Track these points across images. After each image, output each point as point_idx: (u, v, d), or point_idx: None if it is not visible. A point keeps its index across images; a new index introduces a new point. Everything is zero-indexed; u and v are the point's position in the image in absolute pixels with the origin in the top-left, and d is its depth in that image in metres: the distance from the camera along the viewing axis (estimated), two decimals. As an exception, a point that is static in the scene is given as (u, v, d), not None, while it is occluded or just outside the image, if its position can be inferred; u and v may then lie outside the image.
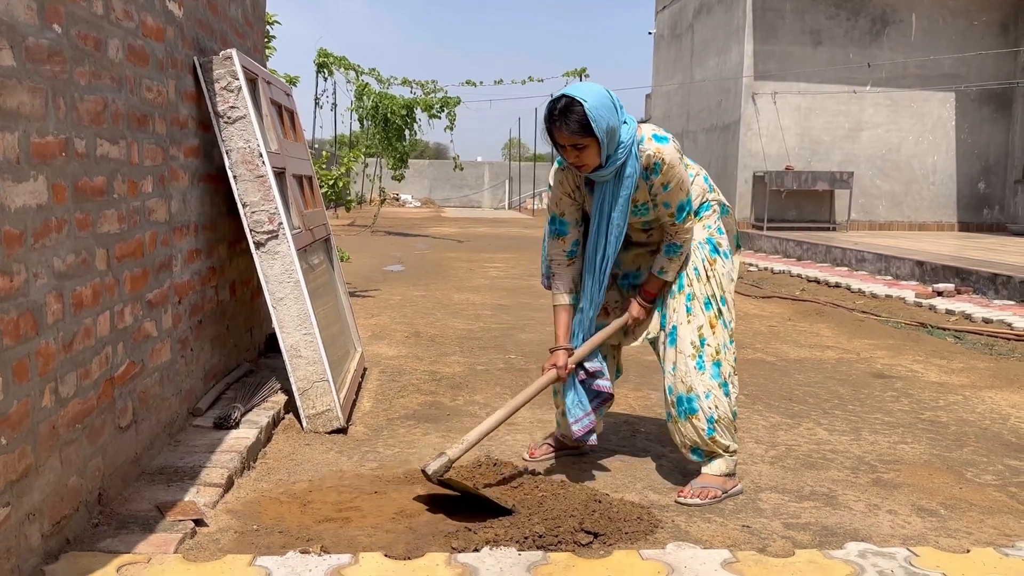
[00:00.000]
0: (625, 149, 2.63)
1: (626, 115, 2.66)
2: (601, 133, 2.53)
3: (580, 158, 2.61)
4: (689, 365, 2.77)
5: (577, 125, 2.53)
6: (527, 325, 6.06)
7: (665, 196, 2.73)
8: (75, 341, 2.23)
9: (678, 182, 2.71)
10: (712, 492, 2.73)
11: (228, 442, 3.00)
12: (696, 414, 2.75)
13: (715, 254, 2.87)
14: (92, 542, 2.23)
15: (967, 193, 13.87)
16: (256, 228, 3.37)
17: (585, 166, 2.64)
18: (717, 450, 2.78)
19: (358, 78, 16.09)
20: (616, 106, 2.61)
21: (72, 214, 2.22)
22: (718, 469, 2.79)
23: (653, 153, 2.66)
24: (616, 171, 2.66)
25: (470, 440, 2.69)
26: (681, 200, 2.74)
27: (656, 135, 2.70)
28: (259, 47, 4.81)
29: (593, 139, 2.55)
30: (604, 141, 2.56)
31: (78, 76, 2.25)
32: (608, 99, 2.59)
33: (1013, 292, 7.17)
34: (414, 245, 13.47)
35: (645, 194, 2.75)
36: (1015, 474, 3.09)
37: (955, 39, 13.37)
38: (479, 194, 35.11)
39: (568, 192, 2.83)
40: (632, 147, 2.64)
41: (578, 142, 2.56)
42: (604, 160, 2.62)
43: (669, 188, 2.71)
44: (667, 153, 2.67)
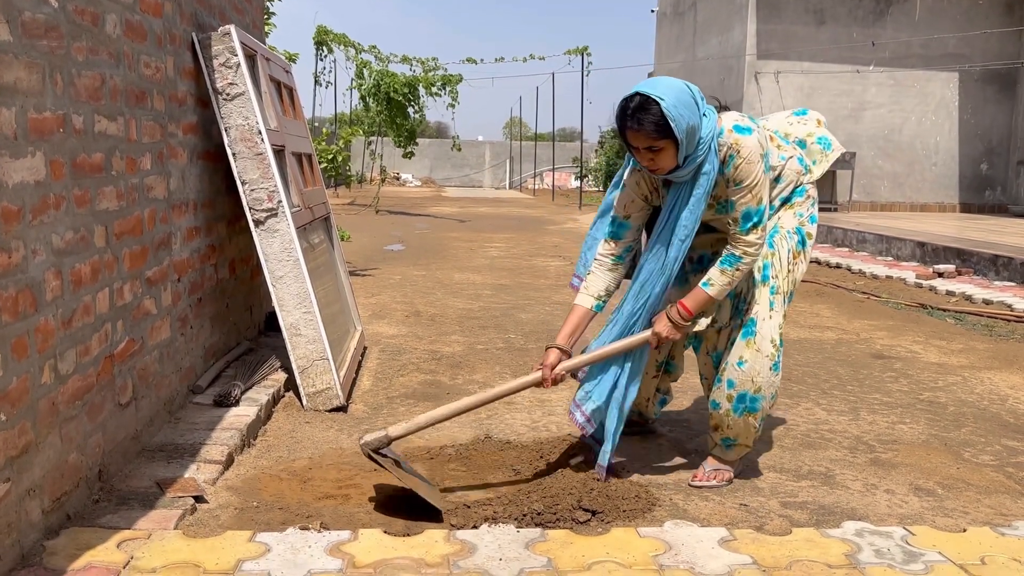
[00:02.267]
0: (705, 146, 2.36)
1: (705, 106, 2.41)
2: (681, 134, 2.28)
3: (655, 161, 2.36)
4: (764, 365, 2.61)
5: (653, 126, 2.27)
6: (527, 305, 6.07)
7: (733, 193, 2.43)
8: (74, 318, 2.23)
9: (751, 185, 2.39)
10: (726, 475, 2.72)
11: (228, 420, 3.01)
12: (755, 413, 2.66)
13: (801, 247, 2.68)
14: (92, 518, 2.24)
15: (969, 174, 13.82)
16: (255, 206, 3.36)
17: (660, 169, 2.39)
18: (746, 444, 2.73)
19: (357, 55, 15.99)
20: (697, 101, 2.36)
21: (70, 191, 2.21)
22: (736, 455, 2.75)
23: (731, 144, 2.38)
24: (693, 171, 2.41)
25: (418, 422, 2.54)
26: (750, 207, 2.41)
27: (738, 125, 2.40)
28: (258, 23, 4.77)
29: (671, 141, 2.30)
30: (683, 142, 2.31)
31: (75, 52, 2.24)
32: (688, 95, 2.33)
33: (1014, 273, 7.17)
34: (414, 225, 13.44)
35: (724, 189, 2.46)
36: (1012, 454, 3.09)
37: (959, 19, 13.27)
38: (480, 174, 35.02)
39: (644, 195, 2.55)
40: (712, 142, 2.37)
41: (654, 144, 2.31)
42: (682, 161, 2.37)
43: (740, 187, 2.40)
44: (744, 145, 2.38)
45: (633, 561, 2.10)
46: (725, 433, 2.71)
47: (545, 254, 9.55)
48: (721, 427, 2.71)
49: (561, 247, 10.43)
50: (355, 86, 15.98)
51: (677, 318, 2.52)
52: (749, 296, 2.65)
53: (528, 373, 2.68)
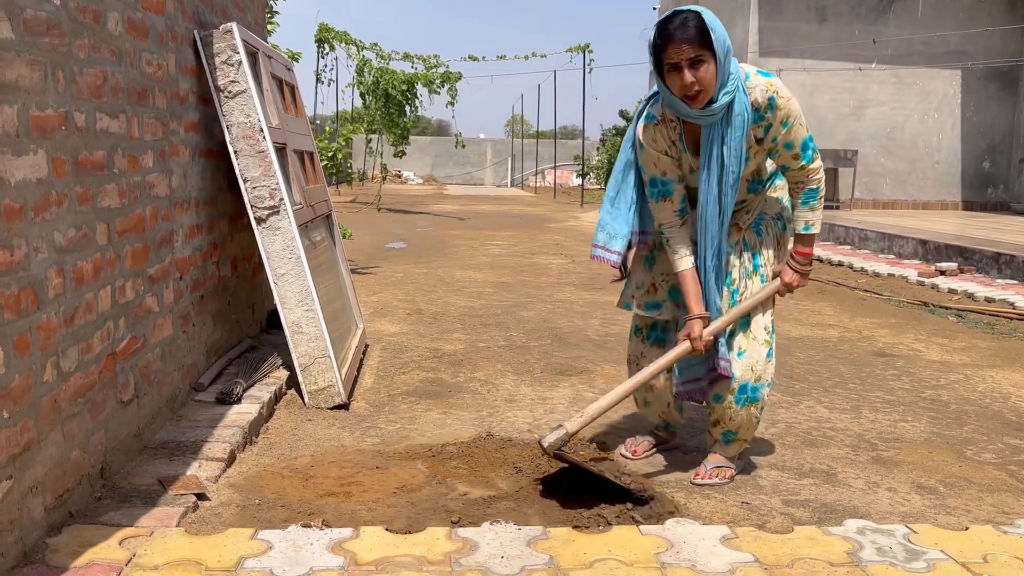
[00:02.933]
0: (736, 81, 2.41)
1: None
2: (719, 46, 2.33)
3: (699, 77, 2.35)
4: (761, 353, 2.64)
5: (697, 31, 2.32)
6: (529, 303, 6.06)
7: (786, 135, 2.49)
8: (76, 316, 2.23)
9: (797, 116, 2.48)
10: (729, 472, 2.72)
11: (230, 417, 3.01)
12: (756, 403, 2.67)
13: (783, 232, 2.74)
14: (95, 515, 2.24)
15: (971, 172, 13.80)
16: (257, 204, 3.36)
17: (703, 92, 2.37)
18: (746, 437, 2.74)
19: (359, 53, 15.99)
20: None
21: (72, 188, 2.21)
22: (735, 450, 2.75)
23: (765, 87, 2.45)
24: (725, 109, 2.43)
25: (590, 413, 2.56)
26: (804, 137, 2.51)
27: (760, 71, 2.50)
28: (260, 21, 4.77)
29: (710, 53, 2.33)
30: (723, 57, 2.35)
31: (77, 49, 2.24)
32: (717, 19, 2.40)
33: (1016, 271, 7.16)
34: (416, 222, 13.44)
35: (750, 139, 2.50)
36: (1015, 452, 3.09)
37: (961, 16, 13.24)
38: (481, 171, 35.01)
39: (664, 149, 2.56)
40: (739, 82, 2.42)
41: (699, 53, 2.33)
42: (719, 85, 2.38)
43: (789, 124, 2.48)
44: (779, 86, 2.46)
45: (635, 559, 2.10)
46: (727, 426, 2.70)
47: (547, 252, 9.55)
48: (723, 421, 2.70)
49: (563, 245, 10.42)
50: (355, 83, 15.97)
51: (798, 265, 2.64)
52: (742, 285, 2.67)
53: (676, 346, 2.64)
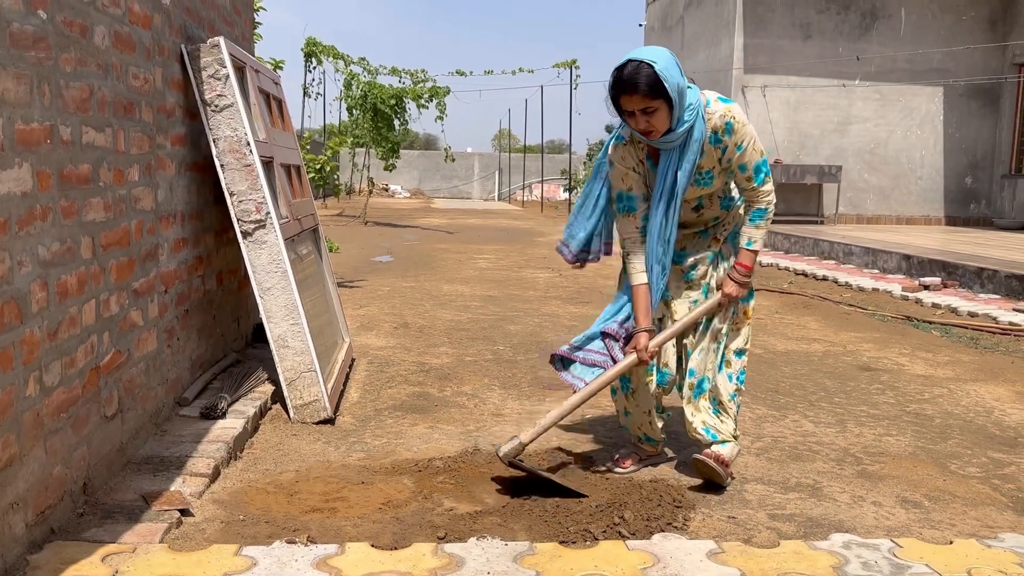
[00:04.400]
0: (693, 111, 2.58)
1: (688, 81, 2.63)
2: (673, 92, 2.49)
3: (650, 122, 2.54)
4: (713, 352, 2.84)
5: (648, 87, 2.47)
6: (516, 316, 6.07)
7: (740, 158, 2.67)
8: (60, 330, 2.22)
9: (752, 141, 2.67)
10: (728, 465, 2.79)
11: (215, 432, 2.99)
12: (703, 395, 2.85)
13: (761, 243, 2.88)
14: (77, 532, 2.22)
15: (954, 187, 13.93)
16: (243, 217, 3.35)
17: (655, 131, 2.57)
18: (725, 432, 2.84)
19: (347, 67, 16.01)
20: (679, 67, 2.57)
21: (57, 202, 2.20)
22: (728, 452, 2.84)
23: (723, 113, 2.63)
24: (685, 136, 2.61)
25: (543, 425, 2.74)
26: (757, 161, 2.69)
27: (721, 97, 2.66)
28: (247, 35, 4.77)
29: (664, 100, 2.50)
30: (676, 101, 2.51)
31: (63, 63, 2.23)
32: (673, 60, 2.56)
33: (999, 286, 7.22)
34: (403, 236, 13.44)
35: (712, 160, 2.69)
36: (998, 466, 3.11)
37: (944, 34, 13.41)
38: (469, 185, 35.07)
39: (632, 166, 2.75)
40: (699, 109, 2.60)
41: (649, 104, 2.50)
42: (674, 123, 2.57)
43: (743, 148, 2.66)
44: (737, 112, 2.64)
45: (622, 574, 2.09)
46: (694, 421, 2.86)
47: (534, 266, 9.56)
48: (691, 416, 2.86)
49: (550, 259, 10.43)
50: (343, 97, 15.99)
51: (739, 276, 2.78)
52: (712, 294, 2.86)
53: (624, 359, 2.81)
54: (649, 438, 3.00)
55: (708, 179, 2.73)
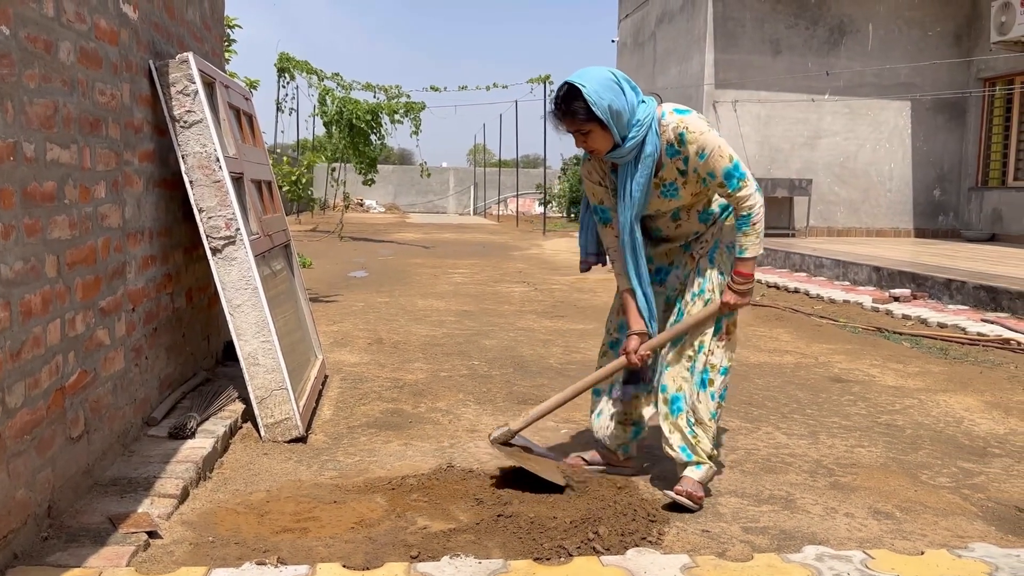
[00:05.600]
0: (643, 127, 2.60)
1: (641, 95, 2.66)
2: (603, 115, 2.53)
3: (588, 143, 2.63)
4: (687, 368, 2.80)
5: (576, 111, 2.54)
6: (491, 331, 6.05)
7: (705, 166, 2.64)
8: (23, 350, 2.18)
9: (714, 148, 2.62)
10: (700, 497, 2.72)
11: (183, 452, 2.95)
12: (681, 414, 2.78)
13: (730, 251, 2.83)
14: (41, 556, 2.17)
15: (923, 200, 14.13)
16: (212, 234, 3.32)
17: (596, 151, 2.65)
18: (701, 453, 2.77)
19: (320, 82, 15.98)
20: (622, 86, 2.59)
21: (20, 220, 2.17)
22: (702, 476, 2.78)
23: (676, 125, 2.63)
24: (636, 150, 2.64)
25: (533, 415, 2.92)
26: (726, 167, 2.63)
27: (677, 108, 2.67)
28: (217, 50, 4.75)
29: (597, 123, 2.55)
30: (610, 123, 2.55)
31: (27, 79, 2.20)
32: (611, 80, 2.57)
33: (967, 297, 7.32)
34: (378, 251, 13.39)
35: (673, 172, 2.70)
36: (968, 476, 3.14)
37: (910, 49, 13.64)
38: (444, 200, 35.06)
39: (598, 181, 2.81)
40: (651, 124, 2.62)
41: (581, 127, 2.58)
42: (621, 140, 2.61)
43: (705, 156, 2.63)
44: (690, 121, 2.63)
45: (595, 590, 2.08)
46: (672, 439, 2.80)
47: (509, 280, 9.55)
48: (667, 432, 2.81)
49: (526, 273, 10.44)
50: (318, 113, 15.95)
51: (737, 286, 2.75)
52: (685, 307, 2.83)
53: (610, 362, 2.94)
54: (607, 444, 3.02)
55: (673, 191, 2.75)
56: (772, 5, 13.35)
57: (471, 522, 2.55)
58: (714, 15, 13.26)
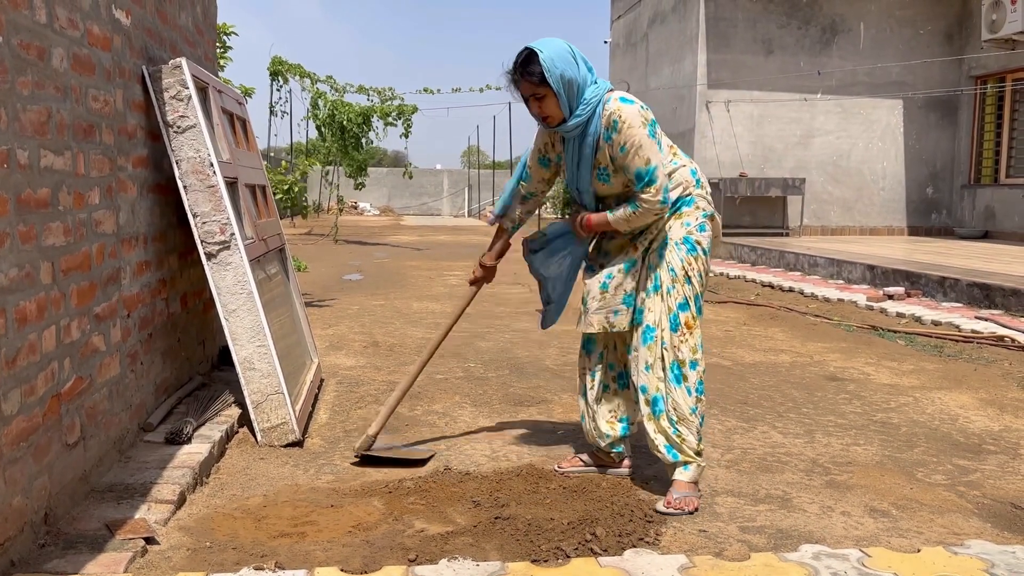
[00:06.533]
0: (589, 107, 2.68)
1: (597, 78, 2.73)
2: (555, 82, 2.62)
3: (541, 109, 2.71)
4: (660, 367, 2.77)
5: (531, 74, 2.64)
6: (487, 333, 6.06)
7: (623, 160, 2.69)
8: (19, 357, 2.18)
9: (635, 147, 2.65)
10: (694, 503, 2.70)
11: (180, 457, 2.94)
12: (663, 414, 2.77)
13: (693, 252, 2.80)
14: (38, 564, 2.17)
15: (916, 198, 14.17)
16: (207, 239, 3.32)
17: (549, 118, 2.73)
18: (687, 451, 2.76)
19: (313, 86, 15.96)
20: (577, 60, 2.68)
21: (15, 227, 2.16)
22: (692, 476, 2.77)
23: (613, 111, 2.68)
24: (580, 128, 2.72)
25: (384, 413, 3.20)
26: (639, 168, 2.66)
27: (623, 98, 2.70)
28: (210, 56, 4.74)
29: (550, 89, 2.64)
30: (561, 91, 2.64)
31: (20, 86, 2.20)
32: (567, 51, 2.66)
33: (960, 295, 7.35)
34: (373, 254, 13.38)
35: (606, 157, 2.75)
36: (964, 473, 3.15)
37: (902, 48, 13.68)
38: (438, 202, 35.05)
39: (540, 148, 2.95)
40: (598, 107, 2.69)
41: (536, 91, 2.67)
42: (567, 113, 2.69)
43: (625, 151, 2.67)
44: (626, 112, 2.67)
45: (593, 592, 2.09)
46: (657, 438, 2.79)
47: (505, 282, 9.55)
48: (651, 432, 2.81)
49: (520, 275, 10.43)
50: (310, 116, 15.94)
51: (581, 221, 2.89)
52: (644, 305, 2.83)
53: None
54: (600, 445, 3.03)
55: (606, 176, 2.80)
56: (764, 5, 13.38)
57: (468, 525, 2.56)
58: (706, 15, 13.29)
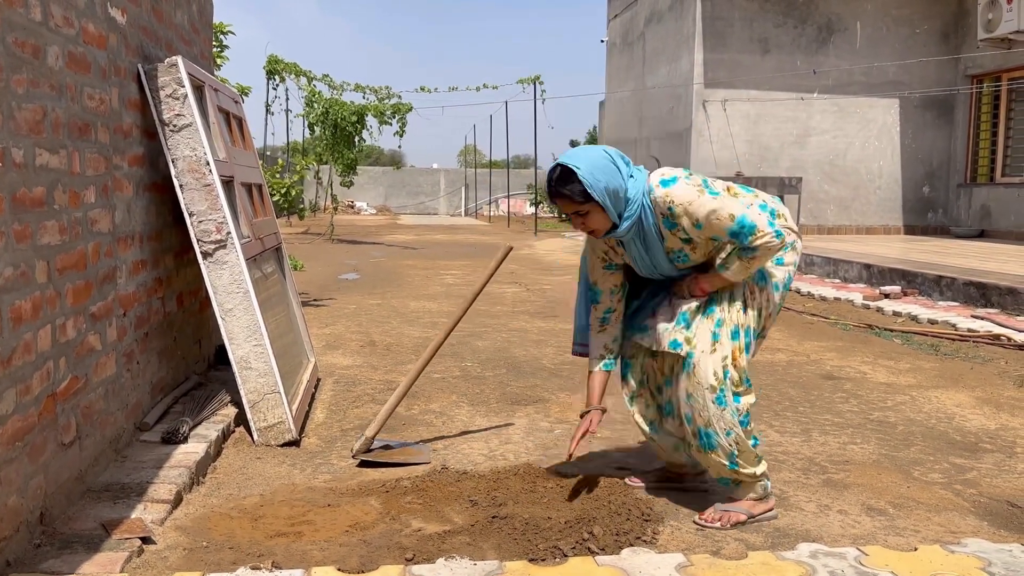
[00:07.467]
0: (637, 204, 2.51)
1: (634, 169, 2.56)
2: (600, 196, 2.45)
3: (587, 224, 2.53)
4: (708, 399, 2.55)
5: (572, 193, 2.46)
6: (484, 332, 6.05)
7: (707, 232, 2.49)
8: (14, 356, 2.17)
9: (708, 213, 2.45)
10: (735, 517, 2.59)
11: (176, 457, 2.94)
12: (715, 450, 2.58)
13: (762, 282, 2.64)
14: (34, 564, 2.16)
15: (912, 197, 14.20)
16: (203, 238, 3.31)
17: (596, 231, 2.55)
18: (743, 479, 2.62)
19: (309, 84, 15.95)
20: (617, 164, 2.51)
21: (10, 226, 2.16)
22: (743, 494, 2.64)
23: (662, 199, 2.50)
24: (635, 227, 2.55)
25: (380, 417, 3.22)
26: (729, 227, 2.45)
27: (663, 179, 2.52)
28: (206, 54, 4.73)
29: (594, 204, 2.47)
30: (607, 203, 2.47)
31: (15, 84, 2.19)
32: (605, 159, 2.49)
33: (957, 293, 7.36)
34: (369, 253, 13.37)
35: (677, 241, 2.56)
36: (960, 472, 3.16)
37: (898, 47, 13.70)
38: (435, 201, 35.05)
39: (601, 256, 2.72)
40: (644, 199, 2.52)
41: (579, 209, 2.49)
42: (616, 219, 2.53)
43: (702, 226, 2.48)
44: (676, 194, 2.48)
45: (591, 591, 2.08)
46: (709, 470, 2.67)
47: (502, 281, 9.55)
48: (701, 462, 2.67)
49: (518, 274, 10.45)
50: (304, 114, 15.92)
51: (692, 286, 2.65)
52: (690, 331, 2.62)
53: None
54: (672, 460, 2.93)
55: (684, 257, 2.61)
56: (760, 4, 13.40)
57: (466, 524, 2.55)
58: (703, 14, 13.30)
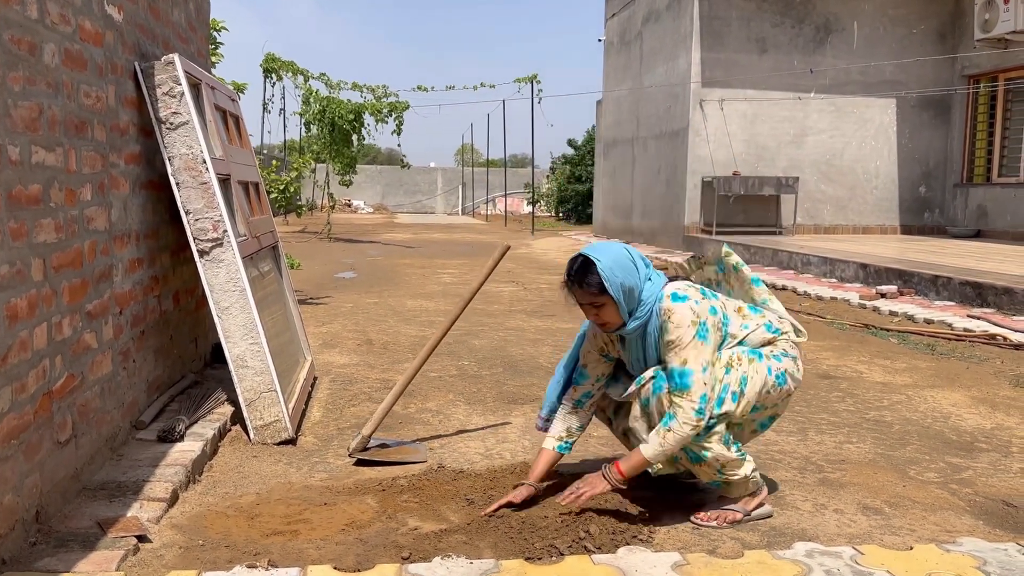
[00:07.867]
0: (648, 308, 2.54)
1: (653, 273, 2.59)
2: (616, 291, 2.48)
3: (599, 316, 2.56)
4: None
5: (590, 284, 2.50)
6: (481, 331, 6.05)
7: (665, 354, 2.54)
8: (10, 354, 2.16)
9: (676, 346, 2.49)
10: (731, 516, 2.60)
11: (173, 455, 2.93)
12: (703, 462, 2.57)
13: (752, 355, 2.60)
14: (29, 562, 2.16)
15: (908, 197, 14.21)
16: (200, 236, 3.30)
17: (607, 324, 2.59)
18: (733, 480, 2.60)
19: (306, 82, 15.94)
20: (636, 265, 2.55)
21: (5, 223, 2.15)
22: (736, 492, 2.63)
23: (666, 310, 2.52)
24: (640, 329, 2.58)
25: (377, 416, 3.22)
26: (673, 367, 2.48)
27: (675, 294, 2.54)
28: (203, 52, 4.73)
29: (609, 297, 2.50)
30: (621, 299, 2.50)
31: (11, 81, 2.19)
32: (626, 258, 2.54)
33: (953, 293, 7.37)
34: (366, 251, 13.37)
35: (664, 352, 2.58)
36: (956, 471, 3.16)
37: (895, 46, 13.71)
38: (432, 200, 35.05)
39: (600, 347, 2.75)
40: (654, 306, 2.55)
41: (595, 300, 2.52)
42: (627, 317, 2.55)
43: (669, 352, 2.51)
44: (676, 313, 2.49)
45: (587, 589, 2.09)
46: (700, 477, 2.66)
47: (498, 280, 9.55)
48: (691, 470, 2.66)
49: (515, 273, 10.45)
50: (301, 112, 15.91)
51: (611, 477, 2.55)
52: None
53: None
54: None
55: None
56: (758, 4, 13.40)
57: (462, 522, 2.55)
58: (700, 14, 13.30)
